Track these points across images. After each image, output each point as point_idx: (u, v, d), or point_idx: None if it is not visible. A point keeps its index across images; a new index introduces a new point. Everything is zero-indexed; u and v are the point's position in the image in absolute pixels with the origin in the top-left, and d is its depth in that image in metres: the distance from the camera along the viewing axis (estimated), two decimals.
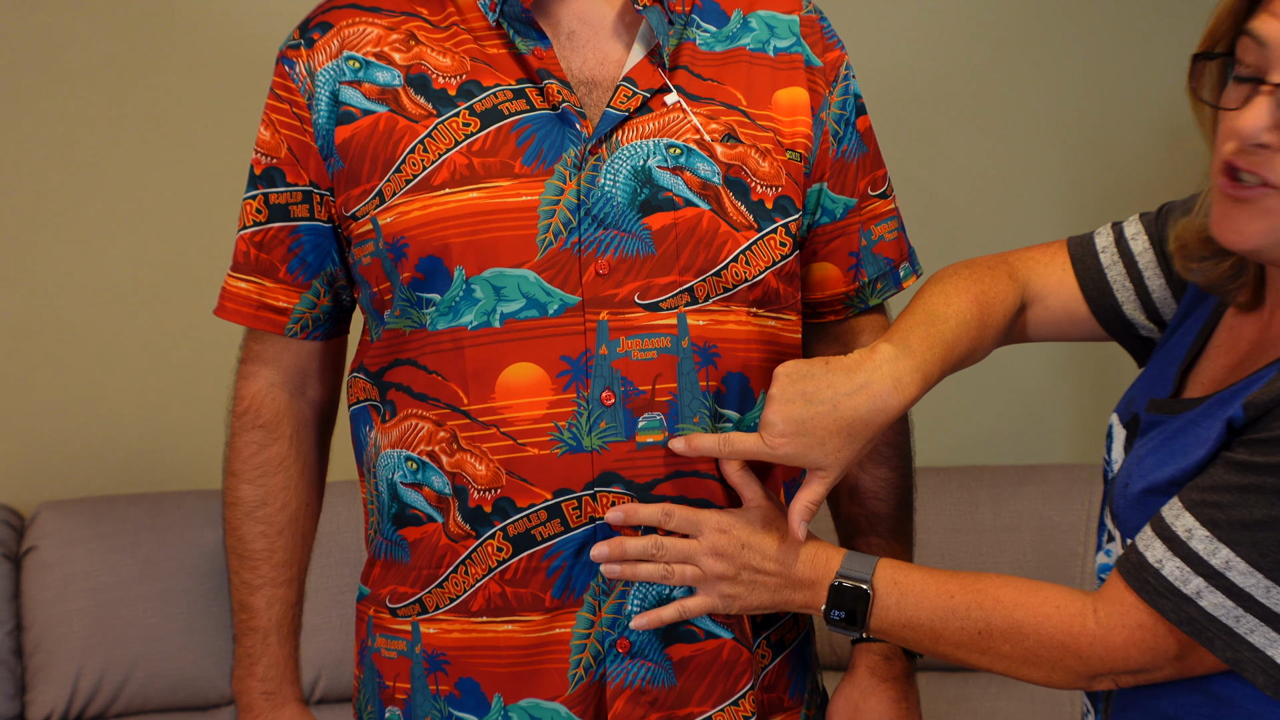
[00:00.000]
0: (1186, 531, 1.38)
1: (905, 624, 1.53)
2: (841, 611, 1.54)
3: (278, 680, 1.76)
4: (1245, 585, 1.35)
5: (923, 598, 1.52)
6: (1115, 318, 1.65)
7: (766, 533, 1.58)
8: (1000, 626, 1.47)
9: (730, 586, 1.57)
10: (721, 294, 1.63)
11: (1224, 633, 1.37)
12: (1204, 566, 1.37)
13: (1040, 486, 3.06)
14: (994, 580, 1.50)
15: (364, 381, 1.71)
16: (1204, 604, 1.37)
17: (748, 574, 1.57)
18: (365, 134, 1.63)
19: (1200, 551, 1.37)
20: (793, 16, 1.73)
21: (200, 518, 2.88)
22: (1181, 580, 1.38)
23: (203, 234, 2.94)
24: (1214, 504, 1.36)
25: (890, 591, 1.53)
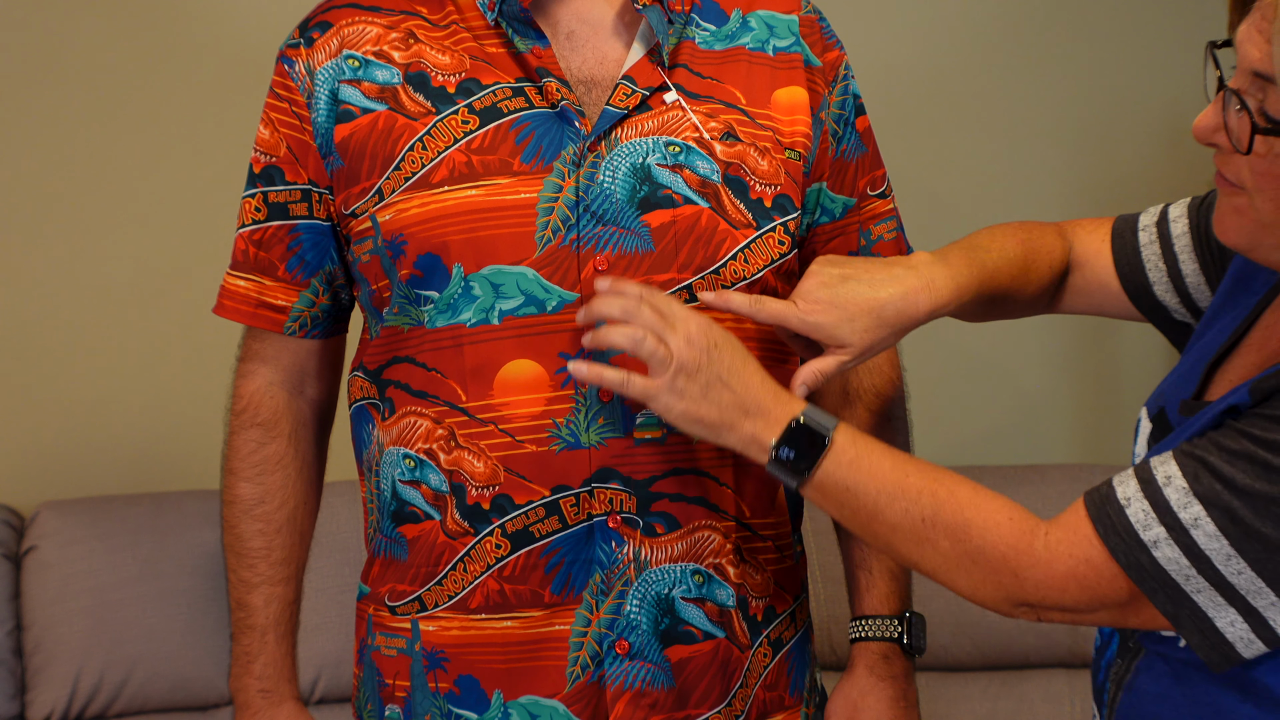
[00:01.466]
0: (1165, 479, 1.35)
1: (849, 488, 1.46)
2: (792, 451, 1.46)
3: (275, 679, 1.76)
4: (1207, 548, 1.33)
5: (877, 468, 1.45)
6: (1146, 296, 1.65)
7: (740, 353, 1.50)
8: (947, 520, 1.42)
9: (685, 381, 1.47)
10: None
11: (1168, 587, 1.35)
12: (1170, 517, 1.34)
13: (1040, 486, 3.06)
14: (954, 476, 1.45)
15: (363, 380, 1.71)
16: (1158, 554, 1.35)
17: (708, 377, 1.47)
18: (364, 132, 1.63)
19: (1172, 502, 1.35)
20: (792, 16, 1.73)
21: (200, 518, 2.88)
22: (1142, 525, 1.35)
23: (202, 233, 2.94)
24: (1200, 459, 1.34)
25: (848, 448, 1.46)
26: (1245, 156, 1.35)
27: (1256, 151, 1.34)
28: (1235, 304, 1.52)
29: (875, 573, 1.77)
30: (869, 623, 1.76)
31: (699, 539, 1.64)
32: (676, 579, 1.63)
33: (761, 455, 1.49)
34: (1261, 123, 1.32)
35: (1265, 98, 1.32)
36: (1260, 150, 1.34)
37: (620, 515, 1.61)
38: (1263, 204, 1.36)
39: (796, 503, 1.75)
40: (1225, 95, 1.35)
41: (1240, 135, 1.34)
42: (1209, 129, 1.37)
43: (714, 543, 1.65)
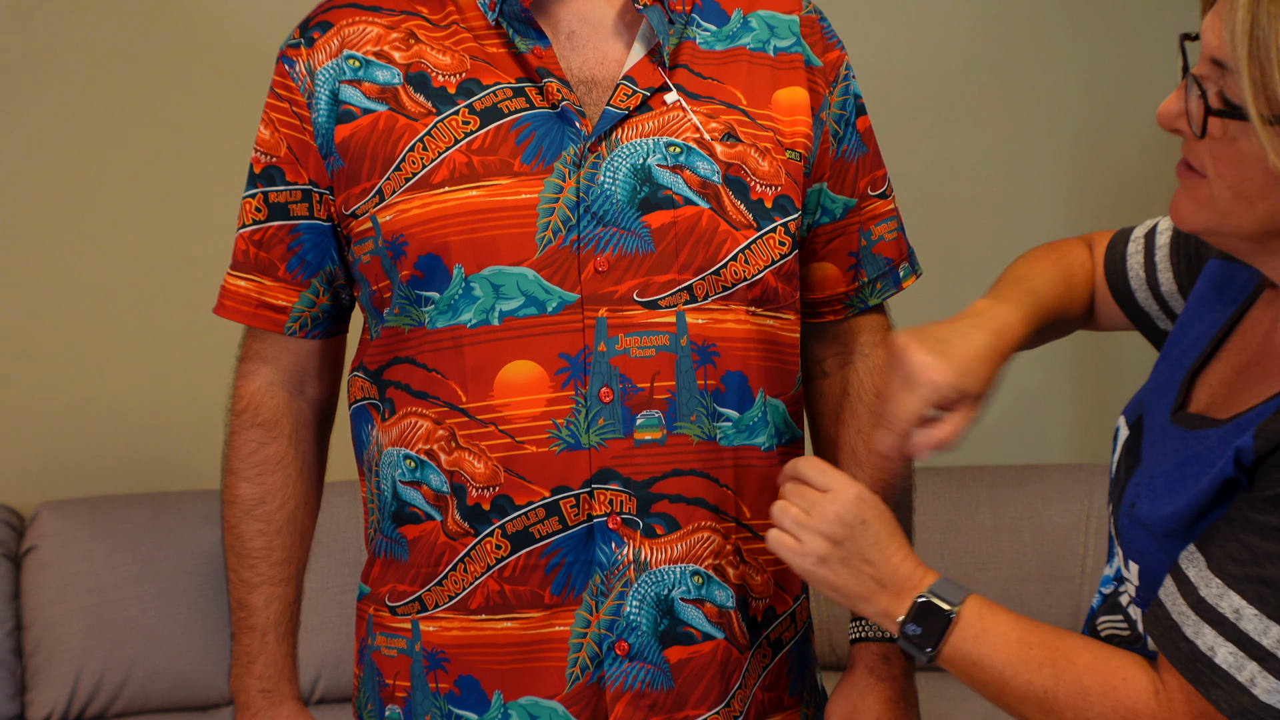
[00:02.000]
0: (1235, 613, 1.33)
1: (975, 662, 1.47)
2: (919, 628, 1.48)
3: (275, 678, 1.76)
4: None
5: (1002, 641, 1.46)
6: (1131, 304, 1.65)
7: (888, 527, 1.52)
8: (1067, 690, 1.42)
9: (830, 550, 1.50)
10: (720, 293, 1.63)
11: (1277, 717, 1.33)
12: (1258, 649, 1.32)
13: (1040, 486, 3.06)
14: (1073, 640, 1.44)
15: (363, 380, 1.71)
16: (1258, 691, 1.32)
17: (851, 550, 1.50)
18: (365, 132, 1.63)
19: (1252, 632, 1.32)
20: (793, 16, 1.73)
21: (200, 518, 2.88)
22: (1237, 668, 1.33)
23: (202, 233, 2.94)
24: (1258, 578, 1.31)
25: (973, 623, 1.47)
26: (1205, 143, 1.35)
27: (1212, 135, 1.34)
28: (1212, 309, 1.52)
29: None
30: (869, 623, 1.76)
31: (698, 540, 1.64)
32: (676, 580, 1.63)
33: (893, 629, 1.51)
34: (1216, 105, 1.33)
35: (1223, 84, 1.33)
36: (1215, 133, 1.34)
37: (620, 516, 1.61)
38: (1220, 190, 1.36)
39: None
40: (1188, 82, 1.36)
41: (1197, 119, 1.35)
42: (1172, 115, 1.38)
43: (713, 544, 1.65)
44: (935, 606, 1.48)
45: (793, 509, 1.51)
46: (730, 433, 1.65)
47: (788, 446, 1.72)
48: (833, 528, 1.50)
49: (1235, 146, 1.33)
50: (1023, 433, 3.42)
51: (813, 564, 1.50)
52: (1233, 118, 1.32)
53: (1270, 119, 1.28)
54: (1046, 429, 3.45)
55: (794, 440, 1.73)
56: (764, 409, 1.68)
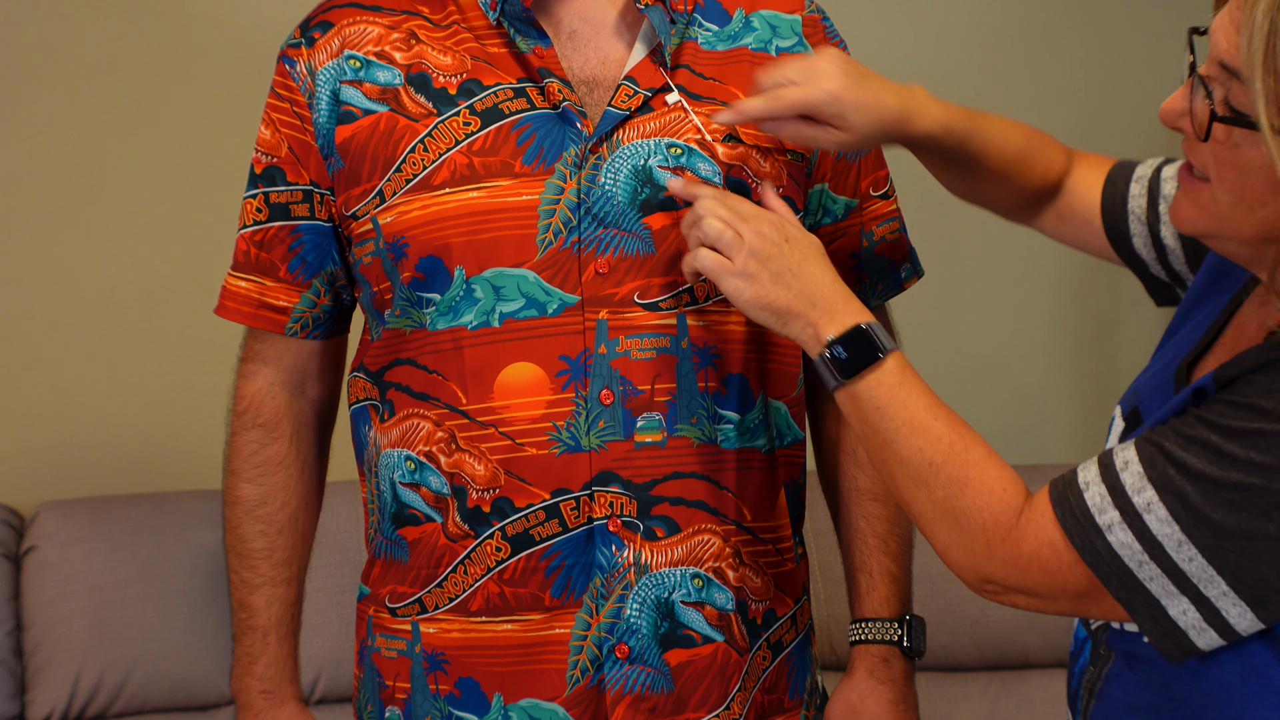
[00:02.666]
0: (1123, 464, 1.35)
1: (879, 407, 1.46)
2: (845, 353, 1.48)
3: (277, 679, 1.76)
4: (1159, 533, 1.32)
5: (912, 401, 1.46)
6: (1125, 246, 1.66)
7: (815, 248, 1.53)
8: (950, 471, 1.43)
9: (757, 266, 1.51)
10: (721, 295, 1.63)
11: (1122, 573, 1.34)
12: (1125, 501, 1.34)
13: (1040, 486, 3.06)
14: (976, 436, 1.45)
15: (364, 381, 1.71)
16: (1111, 539, 1.34)
17: (779, 266, 1.51)
18: (366, 133, 1.63)
19: (1127, 486, 1.34)
20: (795, 16, 1.73)
21: (200, 518, 2.88)
22: (1098, 509, 1.35)
23: (203, 233, 2.93)
24: (1157, 445, 1.34)
25: (894, 373, 1.47)
26: (1208, 146, 1.35)
27: (1216, 139, 1.34)
28: (1209, 300, 1.52)
29: (876, 575, 1.77)
30: (869, 625, 1.76)
31: (699, 542, 1.64)
32: (677, 583, 1.63)
33: (815, 347, 1.50)
34: (1222, 111, 1.33)
35: (1230, 89, 1.32)
36: (1220, 138, 1.34)
37: (621, 519, 1.61)
38: (1222, 195, 1.35)
39: (797, 505, 1.75)
40: (1194, 81, 1.35)
41: (1201, 122, 1.34)
42: (1175, 113, 1.38)
43: (714, 546, 1.64)
44: (869, 340, 1.48)
45: (727, 231, 1.52)
46: (731, 435, 1.65)
47: (789, 448, 1.72)
48: (761, 245, 1.51)
49: (1238, 152, 1.33)
50: (1023, 433, 3.42)
51: (743, 282, 1.51)
52: (1239, 125, 1.32)
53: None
54: (1046, 429, 3.45)
55: (796, 441, 1.73)
56: (765, 411, 1.68)
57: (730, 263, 1.52)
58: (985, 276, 3.41)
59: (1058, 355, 3.43)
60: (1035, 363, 3.42)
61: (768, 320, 1.52)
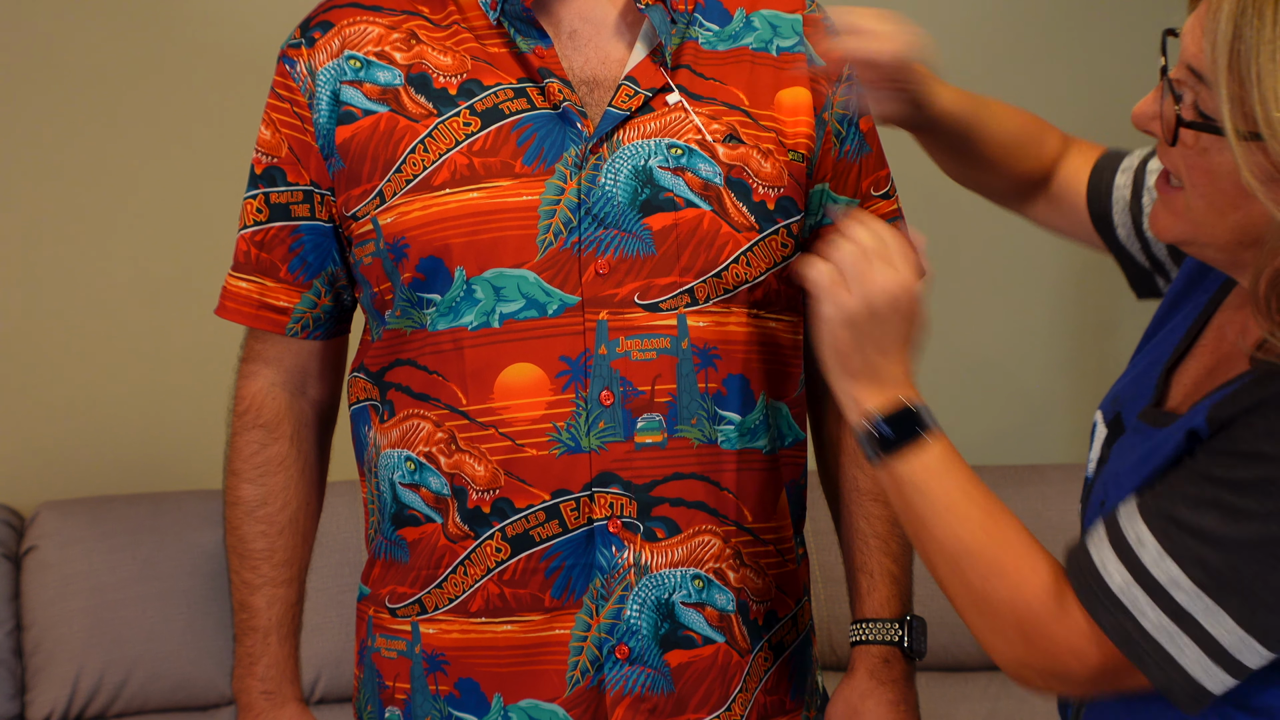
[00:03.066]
0: (1138, 541, 1.32)
1: (919, 489, 1.43)
2: (890, 430, 1.44)
3: (278, 680, 1.76)
4: (1189, 606, 1.30)
5: (951, 484, 1.43)
6: (1110, 235, 1.65)
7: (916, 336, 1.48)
8: (986, 557, 1.40)
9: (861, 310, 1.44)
10: (722, 295, 1.63)
11: (1158, 654, 1.32)
12: (1149, 580, 1.31)
13: (1040, 487, 3.06)
14: (1012, 519, 1.42)
15: (364, 381, 1.70)
16: (1143, 621, 1.32)
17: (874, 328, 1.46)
18: (366, 134, 1.63)
19: (1147, 563, 1.31)
20: (796, 16, 1.73)
21: (200, 518, 2.88)
22: (1124, 592, 1.32)
23: (203, 234, 2.93)
24: (1169, 515, 1.31)
25: (936, 454, 1.44)
26: (1179, 151, 1.34)
27: (1185, 144, 1.32)
28: (1187, 302, 1.51)
29: (876, 576, 1.76)
30: (870, 626, 1.75)
31: (699, 543, 1.64)
32: (677, 584, 1.63)
33: (858, 418, 1.47)
34: (1190, 115, 1.31)
35: (1199, 93, 1.31)
36: (1189, 142, 1.32)
37: (621, 520, 1.61)
38: (1195, 200, 1.34)
39: (798, 506, 1.75)
40: (1164, 84, 1.33)
41: (1169, 126, 1.33)
42: (1146, 116, 1.36)
43: (714, 547, 1.64)
44: (916, 420, 1.45)
45: (862, 262, 1.46)
46: (732, 436, 1.65)
47: (790, 449, 1.72)
48: (884, 303, 1.45)
49: (1207, 158, 1.31)
50: (1023, 433, 3.42)
51: (839, 316, 1.46)
52: (1206, 130, 1.30)
53: (1246, 135, 1.26)
54: (1046, 429, 3.45)
55: (796, 442, 1.73)
56: (765, 412, 1.67)
57: (843, 290, 1.46)
58: (985, 277, 3.41)
59: (1058, 355, 3.43)
60: (1035, 363, 3.42)
61: (826, 359, 1.49)
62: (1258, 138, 1.25)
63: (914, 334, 1.49)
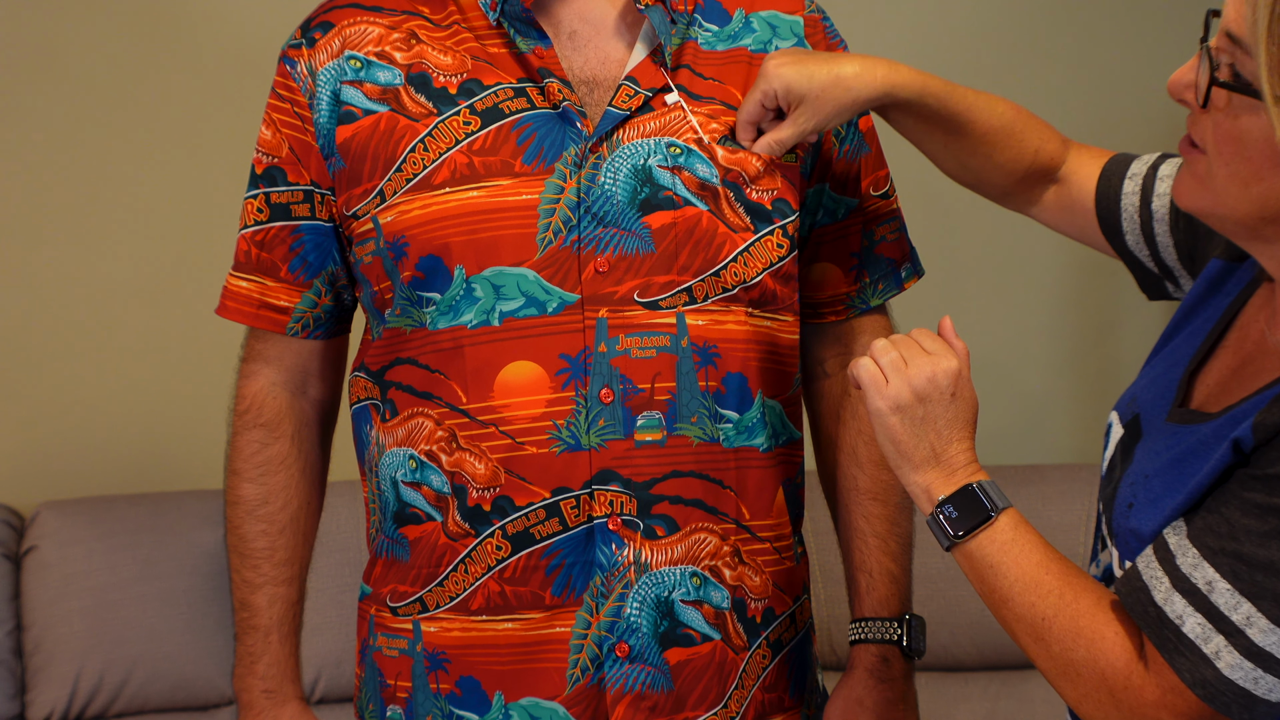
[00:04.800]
0: (1208, 585, 1.32)
1: (993, 566, 1.45)
2: (956, 513, 1.46)
3: (279, 679, 1.76)
4: (1265, 644, 1.30)
5: (1025, 557, 1.44)
6: (1119, 241, 1.66)
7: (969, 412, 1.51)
8: (1063, 624, 1.41)
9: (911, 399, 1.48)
10: (720, 294, 1.63)
11: (1241, 696, 1.32)
12: (1226, 623, 1.31)
13: (1040, 487, 3.06)
14: (1087, 582, 1.44)
15: (365, 380, 1.71)
16: (1221, 665, 1.32)
17: (928, 413, 1.48)
18: (366, 134, 1.63)
19: (1222, 606, 1.31)
20: (795, 17, 1.73)
21: (200, 518, 2.88)
22: (1203, 639, 1.32)
23: (203, 233, 2.94)
24: (1234, 553, 1.31)
25: (1006, 531, 1.46)
26: (1209, 117, 1.34)
27: (1216, 106, 1.33)
28: (1207, 306, 1.51)
29: (875, 575, 1.76)
30: (869, 625, 1.76)
31: (696, 541, 1.64)
32: (676, 581, 1.63)
33: (926, 505, 1.49)
34: (1222, 76, 1.32)
35: (1236, 58, 1.32)
36: (1220, 105, 1.33)
37: (621, 518, 1.61)
38: (1219, 168, 1.35)
39: (796, 504, 1.75)
40: (1202, 54, 1.35)
41: (1202, 90, 1.34)
42: (1181, 85, 1.37)
43: (710, 545, 1.64)
44: (981, 500, 1.46)
45: (893, 351, 1.50)
46: (731, 434, 1.65)
47: (786, 447, 1.72)
48: (925, 385, 1.48)
49: (1238, 123, 1.32)
50: (1023, 433, 3.42)
51: (889, 406, 1.49)
52: (1241, 92, 1.31)
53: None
54: (1046, 429, 3.45)
55: (791, 441, 1.73)
56: (762, 410, 1.68)
57: (884, 382, 1.49)
58: (986, 277, 3.41)
59: (1058, 356, 3.43)
60: (1035, 363, 3.42)
61: (888, 452, 1.51)
62: None
63: (966, 413, 1.50)
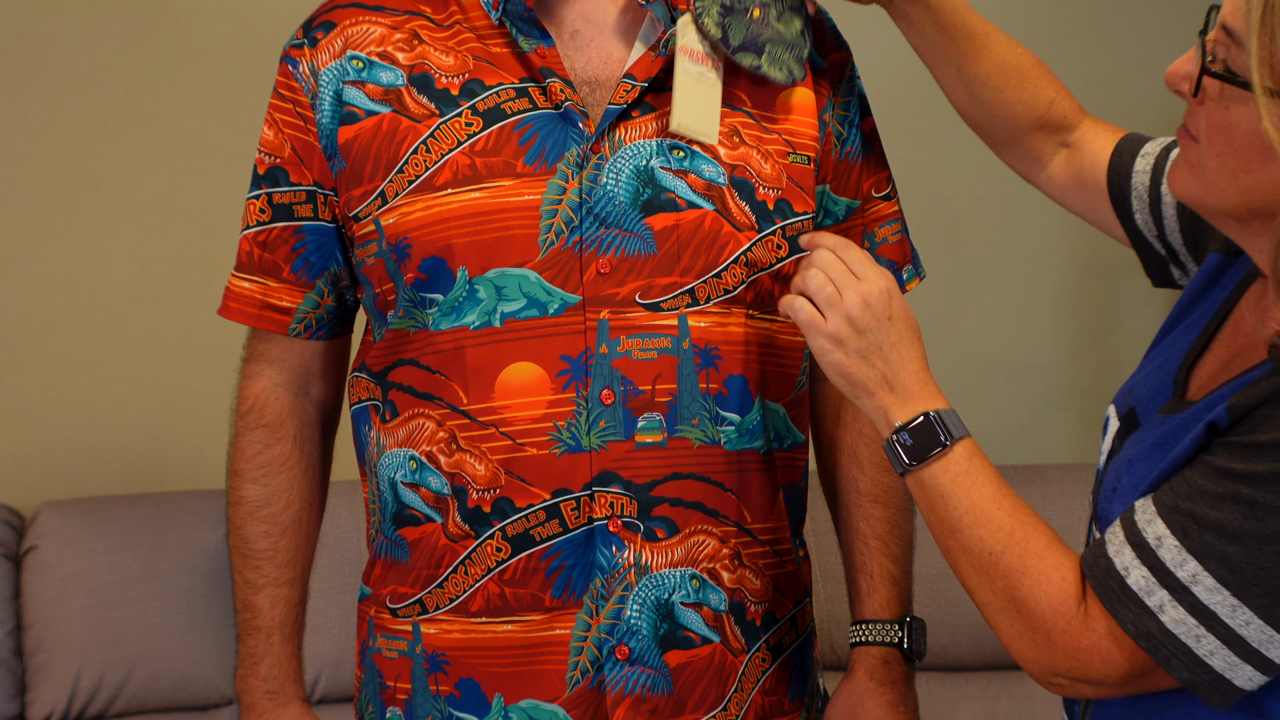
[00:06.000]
0: (1157, 539, 1.33)
1: (944, 496, 1.46)
2: (911, 441, 1.48)
3: (280, 679, 1.76)
4: (1210, 602, 1.31)
5: (977, 490, 1.45)
6: (1129, 220, 1.66)
7: (911, 330, 1.53)
8: (1011, 561, 1.41)
9: (850, 332, 1.51)
10: (722, 295, 1.63)
11: (1182, 652, 1.33)
12: (1170, 578, 1.32)
13: (1040, 487, 3.06)
14: (1038, 523, 1.44)
15: (366, 381, 1.70)
16: (1165, 619, 1.32)
17: (871, 341, 1.51)
18: (369, 135, 1.63)
19: (1168, 562, 1.32)
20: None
21: (200, 518, 2.88)
22: (1145, 591, 1.33)
23: (204, 234, 2.93)
24: (1187, 512, 1.32)
25: (960, 462, 1.47)
26: (1203, 108, 1.36)
27: (1210, 96, 1.35)
28: (1204, 300, 1.52)
29: (876, 577, 1.76)
30: (869, 627, 1.75)
31: (695, 543, 1.64)
32: (676, 584, 1.63)
33: (884, 429, 1.51)
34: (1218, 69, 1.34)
35: (1230, 51, 1.33)
36: (1212, 95, 1.35)
37: (621, 519, 1.61)
38: (1209, 158, 1.36)
39: (797, 508, 1.75)
40: (1199, 45, 1.36)
41: (1193, 79, 1.36)
42: (1178, 76, 1.39)
43: (709, 547, 1.64)
44: (936, 429, 1.48)
45: (829, 286, 1.52)
46: (732, 436, 1.65)
47: (788, 451, 1.72)
48: (862, 314, 1.51)
49: (1228, 114, 1.34)
50: (1023, 433, 3.42)
51: (831, 344, 1.52)
52: (1230, 82, 1.33)
53: (1274, 91, 1.29)
54: (1047, 429, 3.45)
55: (795, 445, 1.73)
56: (762, 413, 1.67)
57: (823, 320, 1.52)
58: (986, 278, 3.41)
59: (1058, 356, 3.43)
60: (1035, 363, 3.42)
61: (841, 386, 1.53)
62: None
63: (908, 331, 1.52)
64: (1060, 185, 1.73)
